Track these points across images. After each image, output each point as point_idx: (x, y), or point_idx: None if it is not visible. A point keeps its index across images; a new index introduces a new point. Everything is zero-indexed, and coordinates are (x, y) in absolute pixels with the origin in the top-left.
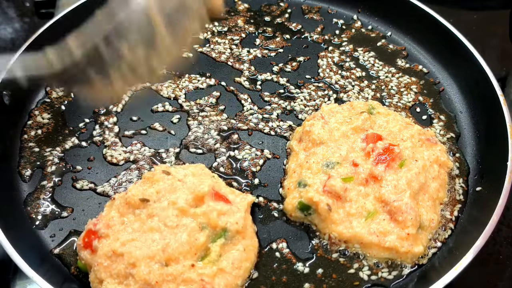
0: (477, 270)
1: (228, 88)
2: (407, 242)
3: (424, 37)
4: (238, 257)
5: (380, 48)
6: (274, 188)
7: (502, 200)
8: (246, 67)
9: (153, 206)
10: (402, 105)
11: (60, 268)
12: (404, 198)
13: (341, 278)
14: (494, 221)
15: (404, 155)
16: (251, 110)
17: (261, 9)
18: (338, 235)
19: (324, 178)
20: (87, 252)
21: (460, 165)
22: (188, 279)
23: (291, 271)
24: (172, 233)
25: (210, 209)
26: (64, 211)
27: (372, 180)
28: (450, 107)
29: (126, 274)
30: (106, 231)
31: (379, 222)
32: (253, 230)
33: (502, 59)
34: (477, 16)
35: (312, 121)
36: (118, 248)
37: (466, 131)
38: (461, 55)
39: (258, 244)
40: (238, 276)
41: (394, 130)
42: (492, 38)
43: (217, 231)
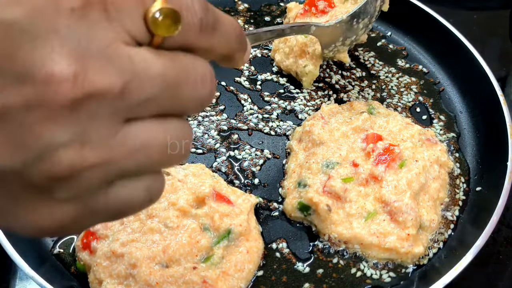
0: (477, 270)
1: (228, 88)
2: (407, 242)
3: (424, 37)
4: (241, 259)
5: (380, 48)
6: (274, 188)
7: (502, 200)
8: (246, 67)
9: (153, 207)
10: (402, 105)
11: (60, 268)
12: (404, 198)
13: (341, 278)
14: (494, 221)
15: (405, 155)
16: (251, 110)
17: (261, 9)
18: (338, 235)
19: (324, 179)
20: (85, 253)
21: (460, 165)
22: (190, 281)
23: (291, 271)
24: (172, 234)
25: (212, 210)
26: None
27: (372, 181)
28: (450, 107)
29: (126, 274)
30: (105, 231)
31: (379, 223)
32: (258, 231)
33: (502, 59)
34: (477, 16)
35: (312, 121)
36: (118, 248)
37: (466, 131)
38: (461, 55)
39: (262, 245)
40: (241, 278)
41: (394, 130)
42: (492, 38)
43: (220, 233)
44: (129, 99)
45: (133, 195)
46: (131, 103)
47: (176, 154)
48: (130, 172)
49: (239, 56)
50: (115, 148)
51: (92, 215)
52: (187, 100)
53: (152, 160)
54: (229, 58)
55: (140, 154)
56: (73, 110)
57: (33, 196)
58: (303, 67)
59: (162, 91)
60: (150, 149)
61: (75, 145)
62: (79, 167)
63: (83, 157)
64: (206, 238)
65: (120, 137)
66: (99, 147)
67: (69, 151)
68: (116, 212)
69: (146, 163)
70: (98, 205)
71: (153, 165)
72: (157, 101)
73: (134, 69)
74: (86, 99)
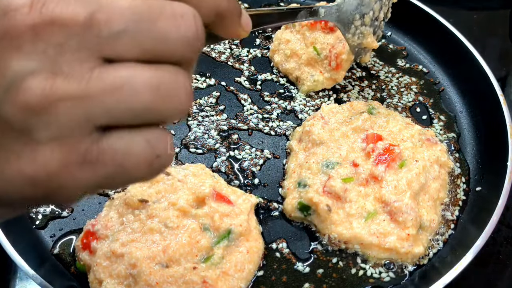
0: (477, 270)
1: (228, 88)
2: (407, 242)
3: (424, 37)
4: (241, 260)
5: (380, 48)
6: (274, 188)
7: (502, 200)
8: (246, 67)
9: (153, 207)
10: (402, 105)
11: (60, 268)
12: (404, 198)
13: (341, 278)
14: (494, 221)
15: (405, 156)
16: (251, 110)
17: None
18: (338, 235)
19: (324, 179)
20: (85, 253)
21: (460, 165)
22: (190, 281)
23: (291, 271)
24: (172, 234)
25: (212, 210)
26: (64, 211)
27: (372, 181)
28: (450, 107)
29: (126, 274)
30: (105, 232)
31: (379, 223)
32: (258, 231)
33: (502, 59)
34: (477, 16)
35: (312, 121)
36: (118, 248)
37: (466, 131)
38: (461, 55)
39: (263, 246)
40: (242, 279)
41: (394, 130)
42: (492, 38)
43: (220, 233)
44: (99, 31)
45: (131, 146)
46: (102, 37)
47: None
48: (120, 118)
49: (233, 19)
50: (92, 83)
51: (85, 164)
52: (171, 40)
53: (139, 101)
54: (221, 18)
55: (123, 93)
56: (36, 37)
57: (13, 141)
58: (310, 75)
59: (134, 23)
60: (134, 87)
61: (45, 74)
62: (52, 97)
63: (55, 86)
64: (206, 238)
65: (98, 73)
66: (73, 79)
67: (39, 78)
68: (115, 165)
69: (133, 105)
70: (90, 152)
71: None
72: (132, 36)
73: (100, 1)
74: (48, 26)
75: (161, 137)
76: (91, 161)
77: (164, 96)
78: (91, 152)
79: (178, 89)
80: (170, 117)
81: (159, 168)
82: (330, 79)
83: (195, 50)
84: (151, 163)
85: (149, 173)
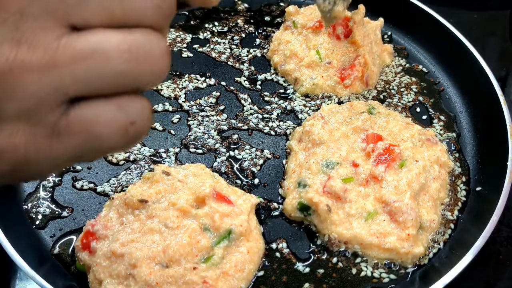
0: (477, 270)
1: (228, 88)
2: (407, 243)
3: (424, 37)
4: (241, 260)
5: None
6: (274, 188)
7: (502, 200)
8: (246, 67)
9: (153, 207)
10: (402, 105)
11: (60, 268)
12: (404, 198)
13: (341, 278)
14: (494, 221)
15: (405, 156)
16: (251, 110)
17: (261, 9)
18: (338, 236)
19: (324, 179)
20: (85, 253)
21: (460, 165)
22: (190, 281)
23: (291, 271)
24: (172, 234)
25: (212, 210)
26: (64, 211)
27: (372, 181)
28: (450, 107)
29: (126, 274)
30: (105, 232)
31: (379, 223)
32: (258, 231)
33: (502, 59)
34: (477, 16)
35: (312, 121)
36: (118, 248)
37: (466, 131)
38: (461, 55)
39: (263, 246)
40: (242, 279)
41: (395, 130)
42: (492, 38)
43: (220, 233)
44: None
45: (100, 113)
46: (68, 3)
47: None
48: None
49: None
50: (59, 52)
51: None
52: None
53: (111, 66)
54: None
55: (93, 60)
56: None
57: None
58: (310, 78)
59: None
60: (105, 53)
61: (9, 43)
62: (16, 68)
63: (19, 56)
64: (206, 238)
65: (65, 41)
66: (38, 48)
67: (2, 47)
68: (85, 134)
69: (104, 71)
70: (58, 124)
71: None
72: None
73: None
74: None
75: (136, 103)
76: (59, 133)
77: (137, 59)
78: (60, 123)
79: (152, 50)
80: (146, 82)
81: (135, 135)
82: (331, 87)
83: (165, 14)
84: (125, 130)
85: (125, 140)
